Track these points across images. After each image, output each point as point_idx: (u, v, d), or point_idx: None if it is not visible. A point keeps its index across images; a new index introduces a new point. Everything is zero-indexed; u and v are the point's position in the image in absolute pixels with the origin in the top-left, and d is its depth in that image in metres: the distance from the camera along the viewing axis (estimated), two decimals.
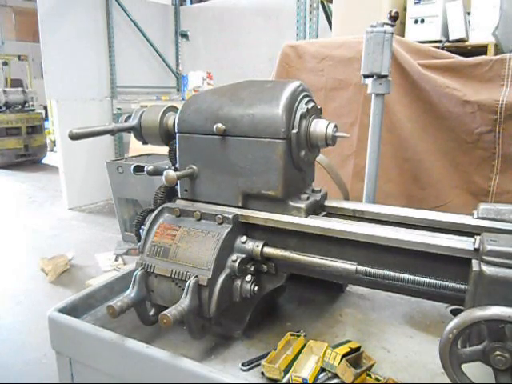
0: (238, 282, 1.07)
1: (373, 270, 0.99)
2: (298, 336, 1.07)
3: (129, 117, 1.29)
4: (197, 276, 1.00)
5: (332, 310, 1.27)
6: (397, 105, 2.29)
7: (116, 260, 4.15)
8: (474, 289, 0.83)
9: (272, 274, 1.13)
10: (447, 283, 0.93)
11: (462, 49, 2.94)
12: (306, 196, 1.13)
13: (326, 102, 2.40)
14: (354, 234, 1.02)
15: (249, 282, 1.07)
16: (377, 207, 1.18)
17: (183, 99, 5.85)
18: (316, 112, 1.13)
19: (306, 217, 1.09)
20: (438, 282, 0.94)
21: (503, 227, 0.98)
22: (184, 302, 0.98)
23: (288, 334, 1.07)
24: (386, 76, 1.86)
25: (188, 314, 0.98)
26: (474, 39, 2.93)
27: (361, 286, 1.27)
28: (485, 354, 0.79)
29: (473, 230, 1.00)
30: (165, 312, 0.93)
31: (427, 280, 0.95)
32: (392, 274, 0.98)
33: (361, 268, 1.00)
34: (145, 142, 1.30)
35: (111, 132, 1.22)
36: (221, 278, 1.03)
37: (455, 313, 1.18)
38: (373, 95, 1.93)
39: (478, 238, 0.91)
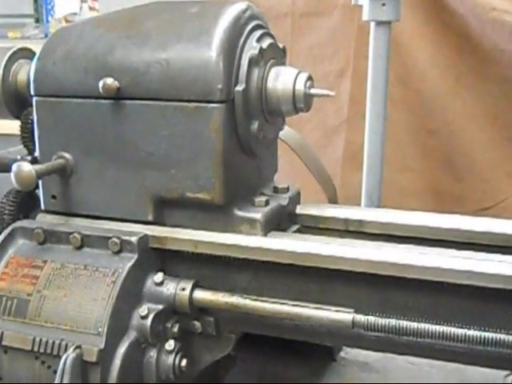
0: (153, 354, 1.07)
1: (381, 321, 1.00)
2: None
3: None
4: (79, 347, 0.99)
5: None
6: (413, 40, 2.34)
7: None
8: None
9: (211, 335, 1.13)
10: (505, 336, 0.95)
11: None
12: (263, 199, 1.13)
13: (294, 38, 2.42)
14: (348, 260, 1.02)
15: (171, 352, 1.07)
16: (384, 214, 1.21)
17: (46, 36, 5.73)
18: (276, 54, 1.14)
19: (266, 235, 1.10)
20: (490, 335, 0.95)
21: None
22: None
23: None
24: None
25: None
26: None
27: (363, 349, 1.28)
28: None
29: None
30: None
31: (472, 333, 0.96)
32: (413, 325, 0.99)
33: (361, 317, 1.01)
34: None
35: None
36: (122, 349, 1.03)
37: None
38: (372, 24, 1.96)
39: None
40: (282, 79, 1.09)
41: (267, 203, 1.13)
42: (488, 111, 2.33)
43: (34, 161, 1.16)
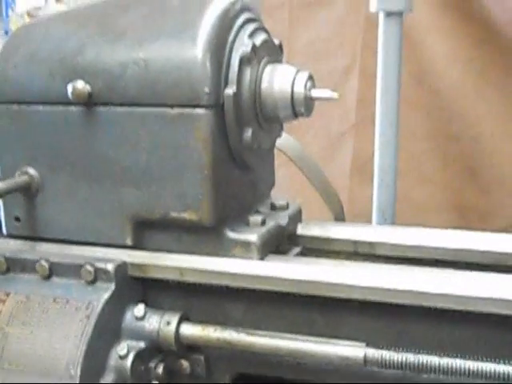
0: None
1: (397, 356, 0.99)
2: None
3: None
4: None
5: None
6: (429, 32, 2.34)
7: None
8: None
9: (201, 376, 1.13)
10: None
11: None
12: (258, 218, 1.13)
13: (292, 32, 2.42)
14: (358, 288, 1.02)
15: None
16: (399, 233, 1.21)
17: (6, 34, 5.73)
18: (272, 52, 1.15)
19: (262, 259, 1.09)
20: None
21: None
22: None
23: None
24: None
25: None
26: None
27: None
28: None
29: None
30: None
31: (503, 368, 0.95)
32: (434, 360, 0.98)
33: (374, 353, 1.00)
34: None
35: None
36: None
37: None
38: (381, 15, 1.97)
39: None
40: (279, 80, 1.09)
41: (264, 223, 1.13)
42: None
43: None
